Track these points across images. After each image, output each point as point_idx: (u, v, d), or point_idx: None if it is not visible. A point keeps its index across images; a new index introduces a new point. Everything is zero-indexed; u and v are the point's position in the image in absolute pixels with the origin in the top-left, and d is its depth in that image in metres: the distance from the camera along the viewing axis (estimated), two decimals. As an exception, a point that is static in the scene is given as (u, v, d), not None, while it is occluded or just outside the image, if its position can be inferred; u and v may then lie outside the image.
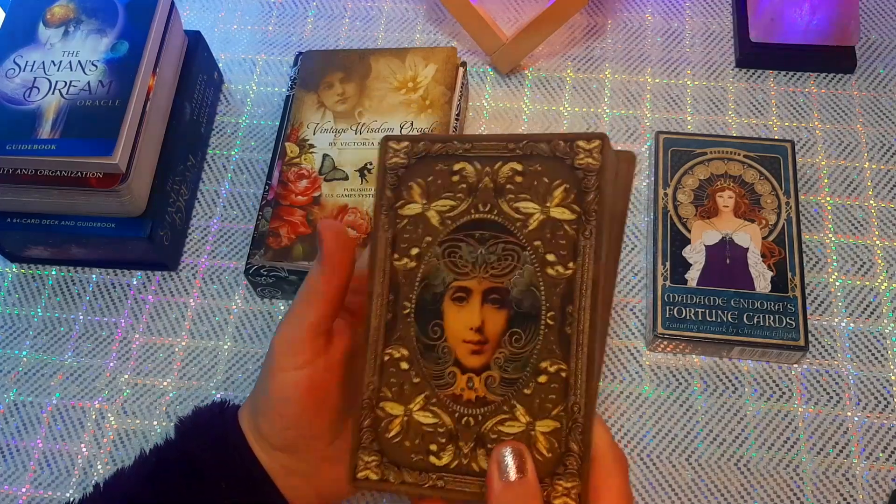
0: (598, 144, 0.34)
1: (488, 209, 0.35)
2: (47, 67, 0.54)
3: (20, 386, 0.56)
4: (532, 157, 0.35)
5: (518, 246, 0.34)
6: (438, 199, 0.36)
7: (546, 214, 0.34)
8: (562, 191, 0.34)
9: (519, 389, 0.34)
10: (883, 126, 0.62)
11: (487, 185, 0.35)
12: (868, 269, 0.57)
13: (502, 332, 0.34)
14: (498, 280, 0.35)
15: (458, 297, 0.35)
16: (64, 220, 0.55)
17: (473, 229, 0.35)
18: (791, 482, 0.50)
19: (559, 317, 0.34)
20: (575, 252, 0.34)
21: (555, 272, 0.34)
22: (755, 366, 0.54)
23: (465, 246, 0.35)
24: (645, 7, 0.69)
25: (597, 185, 0.34)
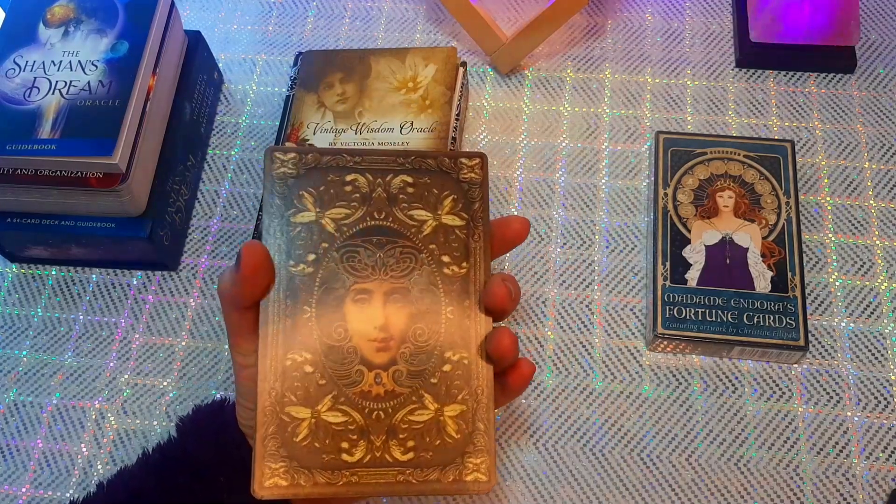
0: (479, 162, 0.39)
1: (383, 217, 0.38)
2: (47, 67, 0.54)
3: (20, 386, 0.56)
4: (421, 170, 0.38)
5: (415, 249, 0.38)
6: (332, 207, 0.37)
7: (438, 221, 0.38)
8: (450, 200, 0.38)
9: (426, 379, 0.37)
10: (883, 126, 0.62)
11: (381, 195, 0.38)
12: (868, 269, 0.57)
13: (406, 329, 0.37)
14: (398, 281, 0.37)
15: (360, 298, 0.37)
16: (64, 220, 0.55)
17: (370, 235, 0.37)
18: (791, 482, 0.50)
19: (458, 311, 0.37)
20: (467, 253, 0.38)
21: (450, 271, 0.38)
22: (755, 366, 0.54)
23: (364, 251, 0.37)
24: (645, 7, 0.69)
25: (480, 195, 0.39)
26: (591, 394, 0.54)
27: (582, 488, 0.51)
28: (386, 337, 0.37)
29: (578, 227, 0.59)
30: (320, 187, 0.37)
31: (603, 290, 0.57)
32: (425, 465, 0.36)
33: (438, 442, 0.36)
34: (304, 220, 0.37)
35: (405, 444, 0.36)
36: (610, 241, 0.59)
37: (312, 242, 0.37)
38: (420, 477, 0.36)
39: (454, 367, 0.37)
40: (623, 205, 0.60)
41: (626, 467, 0.51)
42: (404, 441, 0.36)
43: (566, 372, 0.54)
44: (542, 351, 0.55)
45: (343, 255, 0.37)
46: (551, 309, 0.57)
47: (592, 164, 0.62)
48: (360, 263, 0.37)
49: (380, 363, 0.36)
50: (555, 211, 0.60)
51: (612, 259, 0.58)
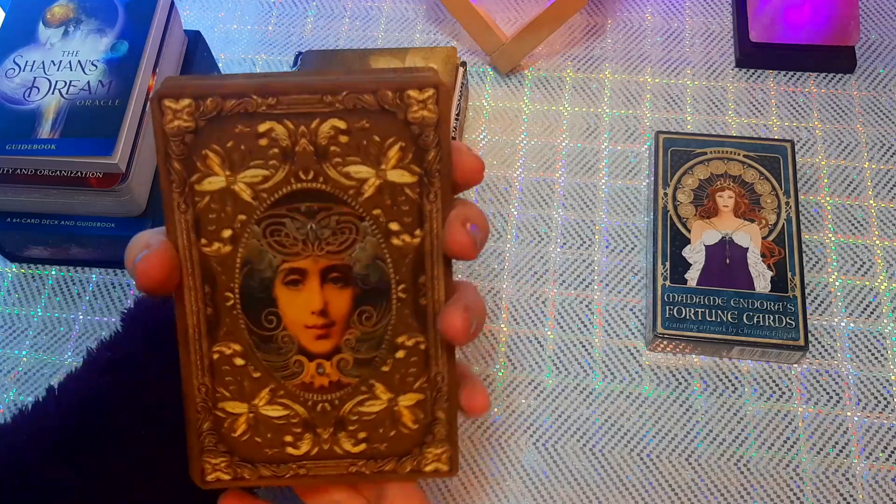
0: (433, 94, 0.29)
1: (312, 177, 0.30)
2: (47, 67, 0.54)
3: (20, 386, 0.56)
4: (356, 111, 0.29)
5: (355, 217, 0.30)
6: (246, 168, 0.30)
7: (383, 178, 0.30)
8: (397, 150, 0.30)
9: (376, 368, 0.32)
10: (883, 126, 0.62)
11: (306, 149, 0.30)
12: (868, 268, 0.57)
13: (349, 312, 0.31)
14: (336, 257, 0.31)
15: (292, 280, 0.31)
16: (64, 220, 0.55)
17: (297, 202, 0.30)
18: (791, 482, 0.50)
19: (411, 288, 0.31)
20: (421, 218, 0.30)
21: (401, 242, 0.31)
22: (755, 366, 0.54)
23: (291, 222, 0.30)
24: (645, 7, 0.69)
25: (436, 140, 0.30)
26: (590, 394, 0.54)
27: (582, 488, 0.51)
28: (326, 323, 0.31)
29: (578, 227, 0.59)
30: (227, 143, 0.29)
31: (603, 290, 0.57)
32: (379, 456, 0.33)
33: (393, 433, 0.33)
34: (212, 188, 0.30)
35: (356, 436, 0.33)
36: (610, 241, 0.59)
37: (226, 215, 0.30)
38: (374, 468, 0.33)
39: (409, 354, 0.32)
40: (623, 205, 0.60)
41: (626, 467, 0.51)
42: (355, 433, 0.33)
43: (566, 372, 0.54)
44: (542, 351, 0.55)
45: (266, 228, 0.30)
46: (551, 309, 0.57)
47: (592, 164, 0.62)
48: (287, 238, 0.30)
49: (321, 352, 0.32)
50: (555, 211, 0.60)
51: (612, 259, 0.58)
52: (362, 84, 0.29)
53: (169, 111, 0.29)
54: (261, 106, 0.29)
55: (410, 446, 0.33)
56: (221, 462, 0.32)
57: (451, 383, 0.33)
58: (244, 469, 0.32)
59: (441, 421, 0.33)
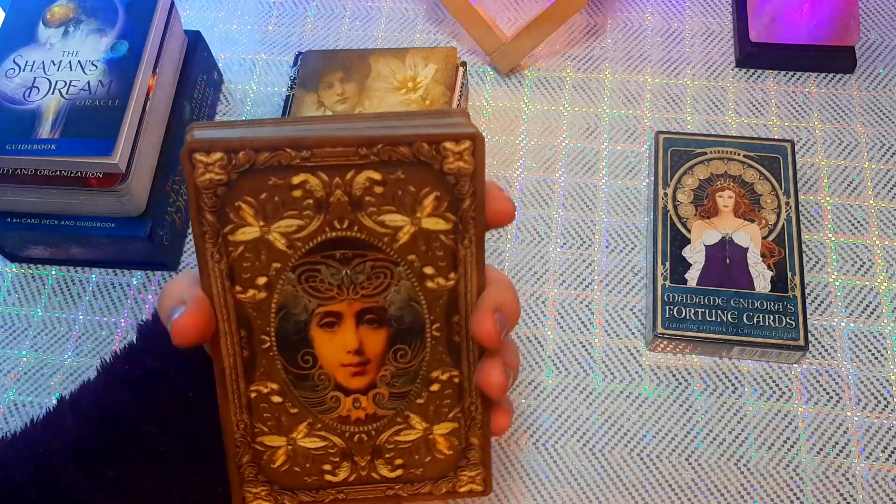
0: (469, 146, 0.30)
1: (346, 226, 0.30)
2: (47, 67, 0.54)
3: (20, 386, 0.56)
4: (391, 162, 0.30)
5: (389, 262, 0.31)
6: (280, 219, 0.30)
7: (417, 226, 0.31)
8: (432, 199, 0.30)
9: (411, 401, 0.33)
10: (883, 126, 0.62)
11: (341, 199, 0.30)
12: (868, 268, 0.57)
13: (385, 351, 0.32)
14: (371, 300, 0.31)
15: (328, 322, 0.32)
16: (64, 220, 0.55)
17: (332, 249, 0.31)
18: (791, 482, 0.50)
19: (445, 327, 0.32)
20: (455, 262, 0.31)
21: (435, 285, 0.32)
22: (755, 366, 0.54)
23: (325, 268, 0.31)
24: (645, 7, 0.69)
25: (472, 190, 0.30)
26: (590, 394, 0.54)
27: (582, 488, 0.51)
28: (361, 361, 0.32)
29: (578, 227, 0.59)
30: (261, 195, 0.30)
31: (603, 290, 0.57)
32: (416, 480, 0.34)
33: (429, 458, 0.34)
34: (245, 238, 0.30)
35: (393, 463, 0.34)
36: (610, 241, 0.59)
37: (261, 264, 0.30)
38: (411, 490, 0.34)
39: (443, 387, 0.33)
40: (623, 205, 0.60)
41: (626, 467, 0.51)
42: (391, 460, 0.34)
43: (566, 372, 0.54)
44: (542, 351, 0.55)
45: (301, 274, 0.31)
46: (551, 309, 0.57)
47: (592, 164, 0.62)
48: (322, 283, 0.31)
49: (357, 388, 0.32)
50: (555, 211, 0.60)
51: (612, 259, 0.58)
52: (398, 136, 0.29)
53: (200, 164, 0.29)
54: (294, 159, 0.29)
55: (446, 470, 0.34)
56: (262, 491, 0.33)
57: (483, 411, 0.34)
58: (284, 496, 0.33)
59: (475, 446, 0.34)
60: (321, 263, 0.31)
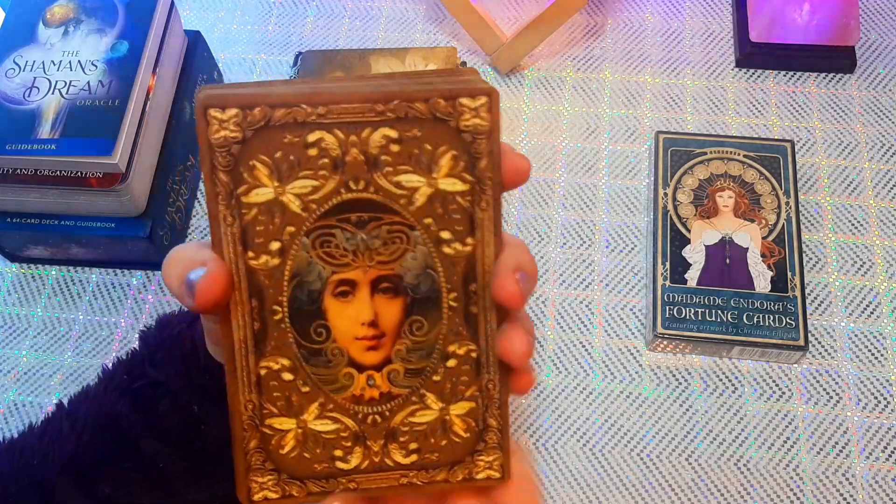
0: (486, 102, 0.29)
1: (362, 187, 0.29)
2: (47, 67, 0.54)
3: (20, 386, 0.56)
4: (407, 119, 0.29)
5: (406, 226, 0.30)
6: (295, 179, 0.29)
7: (434, 187, 0.30)
8: (449, 158, 0.29)
9: (427, 378, 0.32)
10: (883, 126, 0.62)
11: (357, 158, 0.29)
12: (868, 268, 0.57)
13: (400, 323, 0.31)
14: (387, 267, 0.30)
15: (342, 291, 0.30)
16: (64, 220, 0.55)
17: (347, 212, 0.30)
18: (791, 482, 0.50)
19: (462, 297, 0.31)
20: (472, 226, 0.30)
21: (452, 250, 0.30)
22: (755, 366, 0.54)
23: (340, 232, 0.30)
24: (645, 7, 0.69)
25: (489, 149, 0.29)
26: (590, 394, 0.54)
27: (582, 488, 0.51)
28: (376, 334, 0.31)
29: (578, 227, 0.59)
30: (276, 153, 0.29)
31: (603, 290, 0.57)
32: (431, 466, 0.33)
33: (445, 442, 0.33)
34: (259, 200, 0.29)
35: (407, 447, 0.33)
36: (610, 241, 0.59)
37: (275, 227, 0.29)
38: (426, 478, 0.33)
39: (460, 362, 0.32)
40: (623, 205, 0.60)
41: (626, 467, 0.51)
42: (406, 444, 0.32)
43: (566, 372, 0.54)
44: (542, 351, 0.55)
45: (315, 239, 0.30)
46: (551, 309, 0.57)
47: (592, 164, 0.62)
48: (336, 249, 0.30)
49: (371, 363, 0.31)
50: (555, 211, 0.60)
51: (612, 259, 0.58)
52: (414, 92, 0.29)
53: (215, 121, 0.28)
54: (311, 115, 0.29)
55: (462, 455, 0.33)
56: (269, 480, 0.32)
57: (502, 390, 0.33)
58: (292, 486, 0.32)
59: (493, 428, 0.33)
60: (336, 227, 0.30)
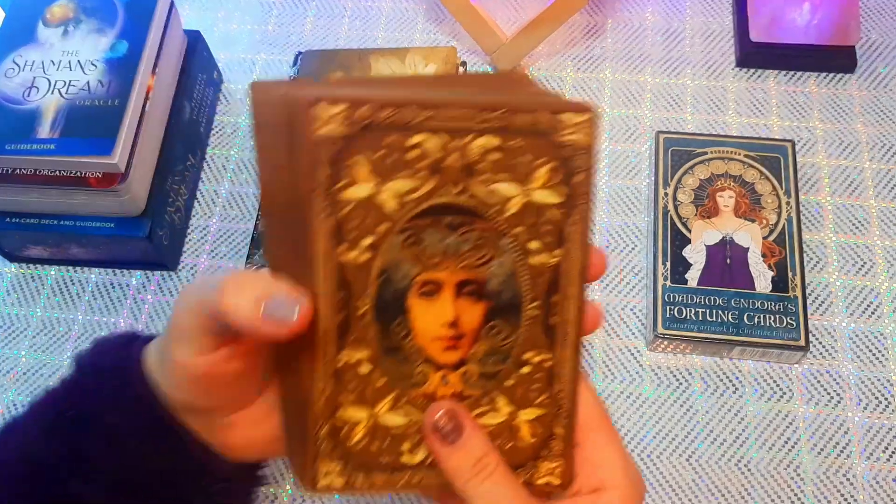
0: (588, 118, 0.30)
1: (458, 191, 0.30)
2: (46, 67, 0.54)
3: (19, 386, 0.56)
4: (510, 130, 0.30)
5: (496, 233, 0.31)
6: (393, 178, 0.29)
7: (528, 197, 0.30)
8: (547, 171, 0.30)
9: (500, 382, 0.32)
10: (883, 126, 0.62)
11: (456, 163, 0.30)
12: (869, 268, 0.57)
13: (480, 326, 0.31)
14: (473, 271, 0.31)
15: (427, 291, 0.31)
16: (63, 220, 0.55)
17: (441, 214, 0.30)
18: (792, 483, 0.50)
19: (544, 306, 0.31)
20: (561, 239, 0.31)
21: (538, 261, 0.31)
22: (756, 366, 0.54)
23: (432, 234, 0.30)
24: (645, 6, 0.69)
25: (586, 165, 0.30)
26: (591, 394, 0.53)
27: (582, 489, 0.51)
28: (455, 335, 0.31)
29: (578, 227, 0.59)
30: (378, 152, 0.29)
31: (603, 290, 0.57)
32: None
33: (510, 445, 0.33)
34: (357, 196, 0.29)
35: None
36: (610, 241, 0.59)
37: (369, 224, 0.30)
38: None
39: (534, 370, 0.32)
40: (623, 205, 0.60)
41: (627, 467, 0.51)
42: None
43: (566, 372, 0.54)
44: (542, 351, 0.55)
45: (406, 238, 0.30)
46: (551, 309, 0.56)
47: (592, 164, 0.62)
48: (427, 249, 0.30)
49: (447, 363, 0.32)
50: (555, 211, 0.60)
51: (613, 259, 0.58)
52: (521, 104, 0.30)
53: (322, 116, 0.28)
54: (417, 116, 0.29)
55: (525, 459, 0.33)
56: (335, 467, 0.32)
57: (572, 401, 0.33)
58: (357, 476, 0.32)
59: (558, 437, 0.33)
60: (429, 228, 0.30)
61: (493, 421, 0.32)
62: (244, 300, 0.28)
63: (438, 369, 0.32)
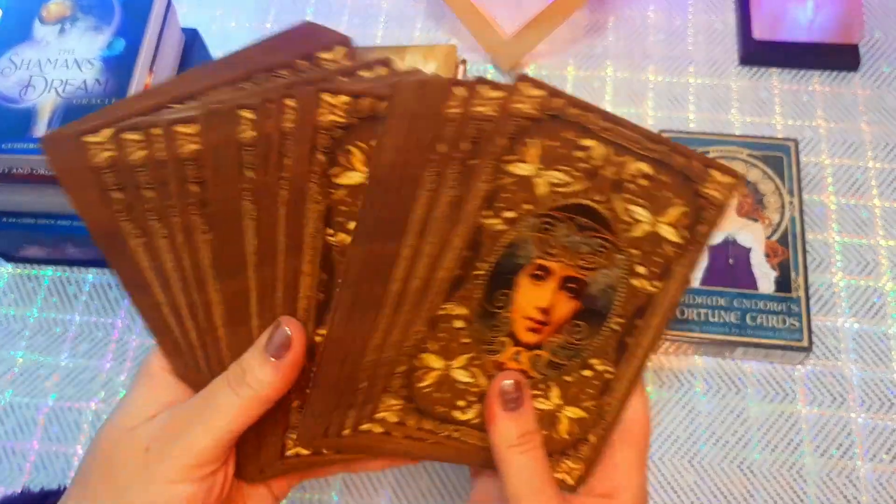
0: (732, 182, 0.33)
1: (602, 200, 0.33)
2: (43, 65, 0.54)
3: (16, 387, 0.55)
4: (664, 165, 0.33)
5: (615, 248, 0.33)
6: (554, 168, 0.32)
7: (654, 227, 0.33)
8: (679, 212, 0.33)
9: (560, 375, 0.34)
10: (887, 124, 0.62)
11: (610, 175, 0.33)
12: (872, 268, 0.56)
13: (565, 320, 0.34)
14: (581, 271, 0.33)
15: (537, 274, 0.33)
16: (60, 220, 0.55)
17: (577, 213, 0.33)
18: (794, 484, 0.50)
19: (626, 325, 0.34)
20: (666, 273, 0.34)
21: (639, 284, 0.34)
22: (758, 367, 0.53)
23: (563, 227, 0.33)
24: (647, 4, 0.68)
25: (713, 220, 0.33)
26: (592, 395, 0.53)
27: (583, 491, 0.50)
28: (543, 320, 0.34)
29: (580, 227, 0.59)
30: (554, 141, 0.32)
31: (604, 291, 0.57)
32: None
33: (546, 433, 0.35)
34: (519, 172, 0.32)
35: None
36: (611, 241, 0.58)
37: (517, 199, 0.32)
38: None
39: (595, 376, 0.34)
40: (625, 204, 0.60)
41: (628, 469, 0.51)
42: None
43: (567, 373, 0.54)
44: (543, 352, 0.55)
45: (541, 223, 0.33)
46: (552, 309, 0.56)
47: (594, 163, 0.61)
48: (553, 239, 0.33)
49: (525, 342, 0.34)
50: (556, 210, 0.60)
51: (614, 259, 0.58)
52: (682, 147, 0.33)
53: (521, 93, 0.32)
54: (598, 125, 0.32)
55: (553, 451, 0.35)
56: (396, 405, 0.34)
57: (615, 417, 0.35)
58: (411, 417, 0.34)
59: (590, 443, 0.35)
60: (563, 221, 0.33)
61: (541, 406, 0.34)
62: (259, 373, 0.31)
63: (516, 345, 0.34)
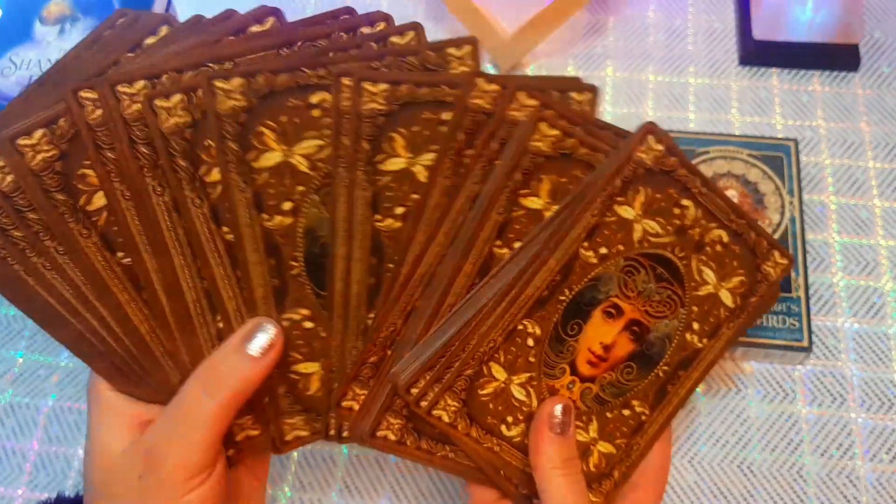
0: (786, 265, 0.39)
1: (682, 256, 0.36)
2: (43, 65, 0.54)
3: (16, 387, 0.55)
4: (739, 237, 0.37)
5: (680, 301, 0.37)
6: (653, 218, 0.36)
7: (717, 290, 0.37)
8: (740, 280, 0.37)
9: (603, 410, 0.37)
10: (887, 124, 0.62)
11: (694, 236, 0.36)
12: (872, 269, 0.56)
13: (621, 361, 0.36)
14: (647, 318, 0.36)
15: (610, 312, 0.36)
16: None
17: (659, 264, 0.36)
18: (794, 484, 0.50)
19: (670, 373, 0.37)
20: (715, 333, 0.37)
21: (691, 338, 0.37)
22: (758, 367, 0.53)
23: (643, 273, 0.36)
24: (647, 4, 0.68)
25: (762, 294, 0.38)
26: (592, 395, 0.53)
27: (583, 491, 0.50)
28: (603, 356, 0.36)
29: (580, 227, 0.59)
30: (657, 194, 0.36)
31: (604, 291, 0.57)
32: None
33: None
34: (623, 215, 0.35)
35: None
36: (611, 241, 0.58)
37: (615, 238, 0.35)
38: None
39: (631, 416, 0.37)
40: (625, 204, 0.60)
41: (628, 469, 0.51)
42: None
43: (567, 373, 0.54)
44: (543, 352, 0.55)
45: (627, 265, 0.36)
46: (552, 309, 0.56)
47: (594, 163, 0.61)
48: (633, 282, 0.36)
49: (581, 373, 0.36)
50: (556, 210, 0.60)
51: (614, 259, 0.58)
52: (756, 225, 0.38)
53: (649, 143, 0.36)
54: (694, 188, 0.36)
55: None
56: (452, 405, 0.35)
57: (640, 457, 0.37)
58: (462, 420, 0.35)
59: (613, 478, 0.37)
60: (645, 268, 0.36)
61: (579, 437, 0.36)
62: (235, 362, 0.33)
63: (572, 374, 0.36)
